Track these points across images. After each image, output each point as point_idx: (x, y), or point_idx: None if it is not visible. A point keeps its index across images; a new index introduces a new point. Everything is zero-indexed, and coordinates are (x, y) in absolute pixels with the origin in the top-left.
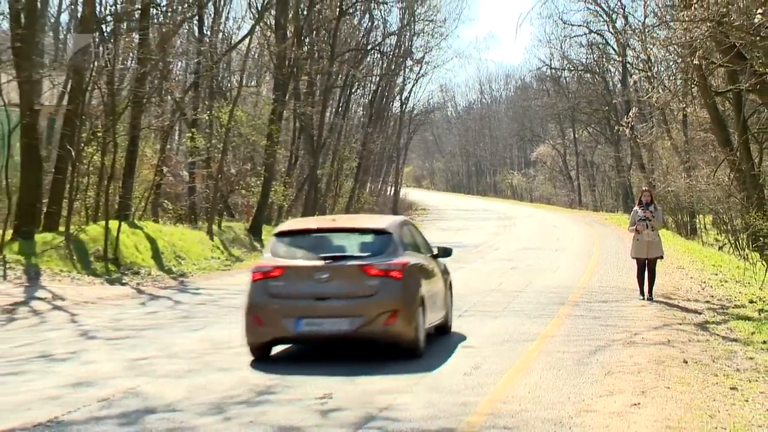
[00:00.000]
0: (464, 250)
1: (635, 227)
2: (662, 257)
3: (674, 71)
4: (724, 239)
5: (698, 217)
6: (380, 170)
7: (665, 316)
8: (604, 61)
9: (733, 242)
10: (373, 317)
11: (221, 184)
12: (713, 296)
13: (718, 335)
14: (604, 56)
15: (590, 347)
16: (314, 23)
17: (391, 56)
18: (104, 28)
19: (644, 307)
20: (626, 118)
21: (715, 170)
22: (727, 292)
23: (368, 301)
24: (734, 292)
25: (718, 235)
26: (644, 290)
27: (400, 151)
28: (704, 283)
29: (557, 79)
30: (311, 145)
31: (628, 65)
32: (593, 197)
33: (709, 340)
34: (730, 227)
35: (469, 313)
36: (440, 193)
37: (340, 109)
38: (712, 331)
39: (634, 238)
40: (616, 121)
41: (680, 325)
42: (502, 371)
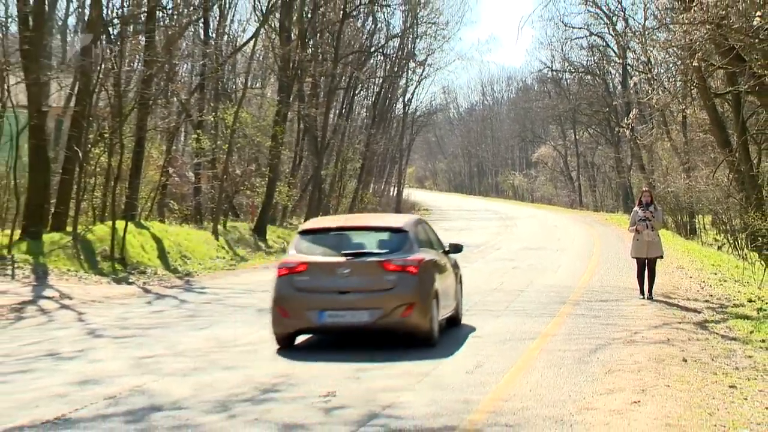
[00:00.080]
0: (466, 249)
1: (635, 227)
2: (662, 257)
3: (674, 73)
4: (723, 239)
5: (697, 217)
6: (383, 171)
7: (665, 315)
8: (604, 63)
9: (732, 242)
10: (391, 309)
11: (226, 184)
12: (712, 295)
13: (717, 334)
14: (604, 58)
15: (591, 346)
16: (318, 26)
17: (394, 58)
18: (111, 30)
19: (644, 306)
20: (626, 119)
21: (714, 171)
22: (726, 291)
23: (386, 294)
24: (733, 291)
25: (717, 235)
26: (644, 289)
27: (402, 152)
28: (703, 282)
29: (558, 81)
30: (315, 146)
31: (628, 67)
32: (594, 198)
33: (708, 338)
34: (729, 227)
35: (471, 312)
36: (442, 193)
37: (343, 110)
38: (711, 329)
39: (634, 238)
40: (616, 122)
41: (680, 324)
42: (504, 369)
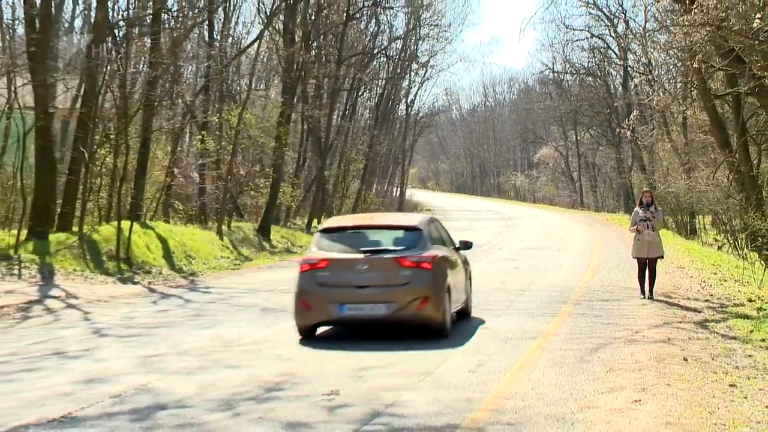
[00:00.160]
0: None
1: (636, 227)
2: (663, 257)
3: (674, 75)
4: (723, 239)
5: (698, 217)
6: (386, 171)
7: (665, 314)
8: (605, 64)
9: (732, 242)
10: (406, 303)
11: (231, 185)
12: (713, 295)
13: (717, 333)
14: (605, 60)
15: (592, 345)
16: (322, 28)
17: (396, 60)
18: (117, 32)
19: (645, 305)
20: (627, 120)
21: (714, 171)
22: (726, 291)
23: (402, 288)
24: (733, 291)
25: (717, 235)
26: (645, 289)
27: (405, 152)
28: (704, 282)
29: (560, 82)
30: (318, 147)
31: (629, 69)
32: (595, 198)
33: (708, 338)
34: (729, 227)
35: (473, 311)
36: (445, 193)
37: (347, 111)
38: (711, 329)
39: (635, 238)
40: (617, 123)
41: (680, 323)
42: (505, 368)
